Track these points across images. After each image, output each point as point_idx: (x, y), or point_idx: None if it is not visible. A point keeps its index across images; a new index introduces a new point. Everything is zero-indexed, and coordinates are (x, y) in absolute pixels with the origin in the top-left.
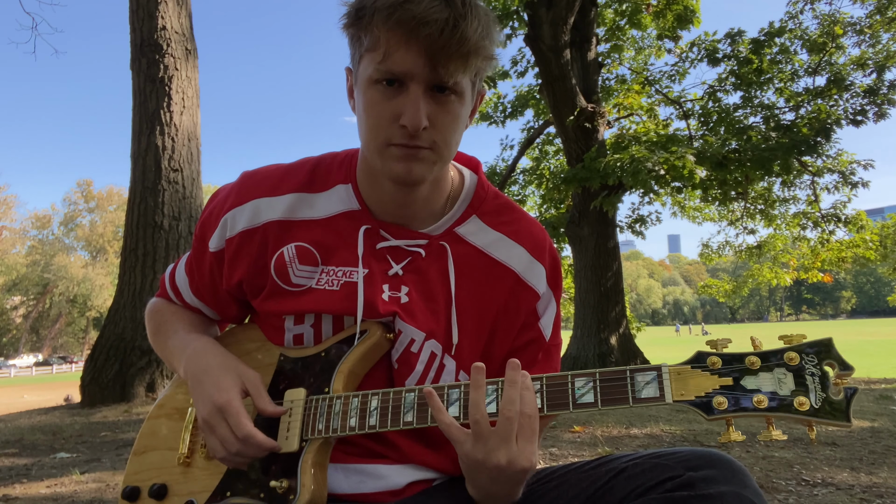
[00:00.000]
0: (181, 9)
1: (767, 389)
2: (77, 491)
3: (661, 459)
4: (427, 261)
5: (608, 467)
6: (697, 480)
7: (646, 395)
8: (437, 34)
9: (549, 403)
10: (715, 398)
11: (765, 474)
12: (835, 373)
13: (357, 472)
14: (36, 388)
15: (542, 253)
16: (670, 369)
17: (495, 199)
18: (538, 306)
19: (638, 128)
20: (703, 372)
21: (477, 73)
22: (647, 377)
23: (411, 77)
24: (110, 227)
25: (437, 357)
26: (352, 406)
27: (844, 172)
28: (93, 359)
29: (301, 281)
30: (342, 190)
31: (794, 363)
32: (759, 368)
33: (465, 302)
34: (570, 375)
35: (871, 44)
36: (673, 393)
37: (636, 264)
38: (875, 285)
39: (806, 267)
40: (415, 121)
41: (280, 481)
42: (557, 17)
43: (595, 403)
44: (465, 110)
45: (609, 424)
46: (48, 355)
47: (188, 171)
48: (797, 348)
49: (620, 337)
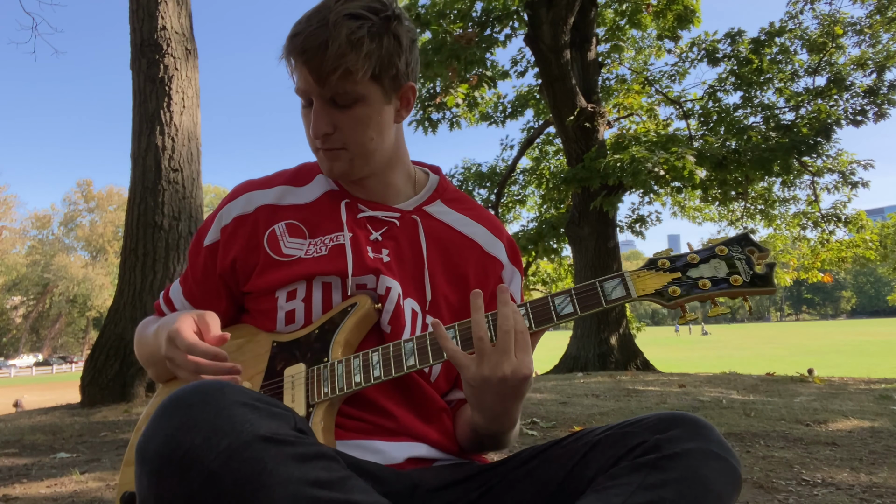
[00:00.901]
0: (181, 9)
1: (708, 275)
2: (77, 491)
3: (630, 427)
4: (401, 230)
5: (584, 441)
6: (663, 442)
7: (615, 296)
8: (311, 59)
9: (535, 321)
10: (670, 288)
11: (765, 474)
12: (756, 255)
13: (357, 448)
14: (36, 388)
15: (500, 233)
16: (630, 273)
17: (456, 192)
18: (503, 275)
19: (638, 128)
20: (657, 272)
21: (377, 77)
22: (614, 283)
23: (311, 94)
24: (110, 227)
25: (419, 315)
26: (354, 365)
27: (844, 172)
28: (93, 359)
29: (291, 251)
30: (321, 178)
31: (724, 253)
32: (698, 262)
33: (436, 266)
34: (550, 296)
35: (871, 44)
36: (637, 290)
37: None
38: (875, 285)
39: (806, 267)
40: (315, 129)
41: None
42: (557, 17)
43: (575, 312)
44: (374, 110)
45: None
46: (48, 355)
47: (188, 171)
48: (724, 242)
49: (620, 337)
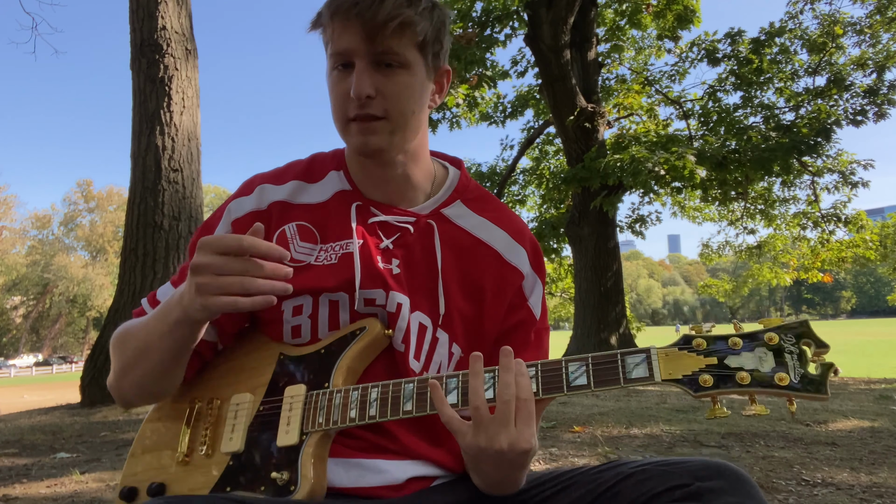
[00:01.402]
0: (181, 9)
1: (749, 367)
2: (77, 491)
3: (669, 467)
4: (415, 237)
5: (615, 472)
6: (705, 491)
7: (636, 375)
8: (366, 10)
9: (544, 387)
10: (701, 376)
11: (765, 474)
12: (812, 351)
13: (357, 467)
14: (36, 388)
15: (523, 238)
16: (658, 351)
17: (477, 190)
18: (524, 286)
19: (638, 128)
20: (690, 353)
21: (424, 46)
22: (637, 359)
23: (354, 54)
24: (110, 227)
25: (428, 329)
26: (352, 398)
27: (844, 172)
28: (93, 359)
29: (301, 257)
30: (334, 175)
31: (773, 342)
32: (741, 348)
33: (451, 276)
34: (564, 360)
35: (871, 44)
36: (662, 372)
37: (636, 264)
38: (875, 285)
39: (806, 267)
40: (358, 89)
41: (281, 473)
42: (557, 17)
43: (588, 385)
44: (417, 81)
45: (609, 424)
46: (48, 355)
47: (188, 171)
48: (776, 329)
49: (620, 337)
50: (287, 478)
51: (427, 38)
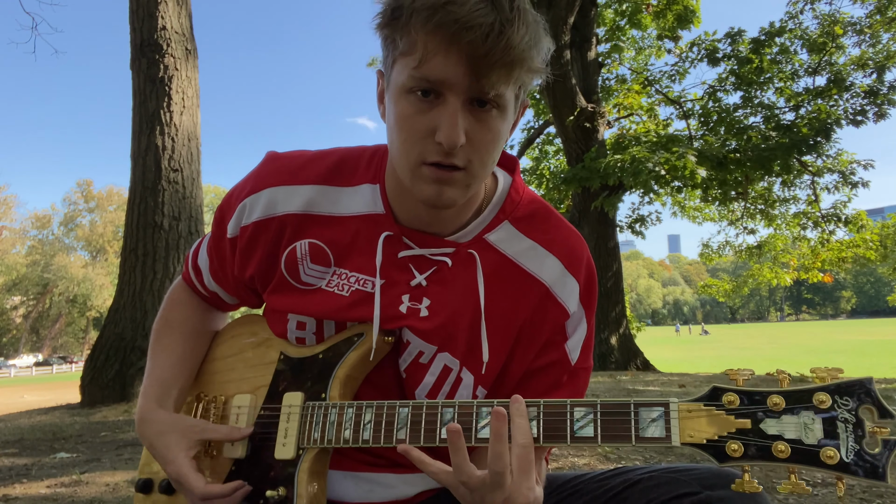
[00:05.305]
0: (181, 9)
1: (791, 436)
2: (77, 491)
3: (677, 474)
4: (454, 271)
5: (623, 478)
6: (713, 499)
7: (650, 434)
8: (482, 40)
9: (545, 434)
10: (729, 443)
11: (765, 474)
12: (873, 420)
13: (367, 481)
14: (36, 388)
15: (578, 267)
16: (679, 406)
17: (530, 204)
18: (567, 325)
19: (638, 128)
20: (718, 411)
21: (522, 86)
22: (653, 414)
23: (449, 87)
24: (110, 227)
25: (454, 371)
26: (346, 416)
27: (844, 172)
28: (93, 359)
29: (311, 280)
30: (368, 190)
31: (824, 406)
32: (782, 411)
33: (493, 316)
34: (570, 404)
35: (871, 44)
36: (681, 434)
37: (636, 264)
38: (875, 285)
39: (806, 267)
40: (451, 137)
41: (277, 490)
42: (557, 17)
43: (595, 438)
44: (507, 126)
45: None
46: (48, 355)
47: (188, 171)
48: (829, 388)
49: (620, 337)
50: (283, 494)
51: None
